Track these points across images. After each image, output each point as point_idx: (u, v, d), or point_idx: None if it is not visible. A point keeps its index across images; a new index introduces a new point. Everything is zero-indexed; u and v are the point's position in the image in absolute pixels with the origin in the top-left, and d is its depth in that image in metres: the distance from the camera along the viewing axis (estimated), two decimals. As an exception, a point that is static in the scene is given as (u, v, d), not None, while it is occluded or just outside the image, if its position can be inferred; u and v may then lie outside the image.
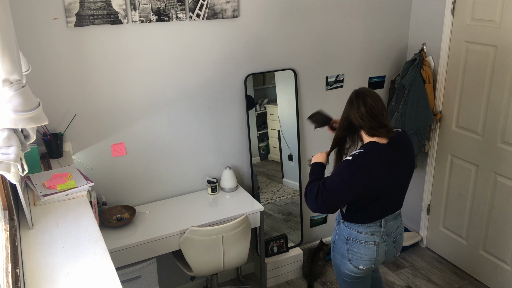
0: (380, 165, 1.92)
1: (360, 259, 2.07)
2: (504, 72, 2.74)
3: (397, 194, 2.07)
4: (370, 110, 1.92)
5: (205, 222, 2.59)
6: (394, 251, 2.14)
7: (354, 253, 2.07)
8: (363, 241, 2.05)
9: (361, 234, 2.05)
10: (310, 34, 3.03)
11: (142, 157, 2.75)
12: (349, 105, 2.00)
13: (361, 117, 1.93)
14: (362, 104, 1.93)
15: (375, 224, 2.05)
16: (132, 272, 2.46)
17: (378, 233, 2.05)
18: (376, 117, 1.92)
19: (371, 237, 2.05)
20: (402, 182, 2.05)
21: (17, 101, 1.12)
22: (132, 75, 2.58)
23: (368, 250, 2.06)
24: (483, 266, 3.12)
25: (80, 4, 2.32)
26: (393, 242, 2.11)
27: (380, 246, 2.06)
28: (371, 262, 2.07)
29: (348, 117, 2.00)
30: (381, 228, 2.06)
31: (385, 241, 2.08)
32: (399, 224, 2.14)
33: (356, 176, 1.90)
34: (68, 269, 1.41)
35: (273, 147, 3.20)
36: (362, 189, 1.92)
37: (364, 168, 1.90)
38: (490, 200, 2.98)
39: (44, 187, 1.90)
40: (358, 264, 2.07)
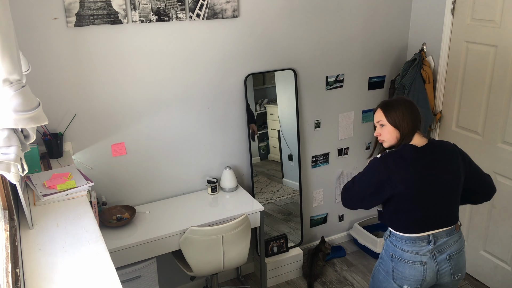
0: (406, 167, 1.87)
1: (405, 279, 1.95)
2: (504, 72, 2.74)
3: (440, 204, 1.91)
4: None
5: (205, 222, 2.59)
6: (449, 270, 1.94)
7: (399, 272, 1.96)
8: (407, 261, 1.93)
9: (405, 253, 1.93)
10: (310, 34, 3.03)
11: (142, 157, 2.75)
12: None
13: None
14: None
15: (422, 241, 1.90)
16: (132, 272, 2.46)
17: (426, 251, 1.91)
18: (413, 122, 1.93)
19: (417, 256, 1.91)
20: (442, 191, 1.90)
21: (17, 101, 1.12)
22: (132, 75, 2.58)
23: (413, 271, 1.92)
24: (483, 266, 3.12)
25: (80, 4, 2.32)
26: (446, 259, 1.92)
27: (428, 266, 1.91)
28: (417, 282, 1.94)
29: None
30: (429, 246, 1.90)
31: (435, 259, 1.92)
32: (455, 240, 1.94)
33: (379, 172, 1.89)
34: (68, 269, 1.41)
35: (273, 147, 3.21)
36: (390, 186, 1.87)
37: (386, 165, 1.88)
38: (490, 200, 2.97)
39: (44, 187, 1.90)
40: (402, 284, 1.96)
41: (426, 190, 1.87)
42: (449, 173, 1.89)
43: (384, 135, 1.95)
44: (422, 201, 1.88)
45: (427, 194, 1.88)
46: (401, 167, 1.86)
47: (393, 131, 1.92)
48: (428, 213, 1.89)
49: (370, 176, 1.92)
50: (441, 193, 1.89)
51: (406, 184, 1.85)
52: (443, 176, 1.88)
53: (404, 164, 1.86)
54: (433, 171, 1.87)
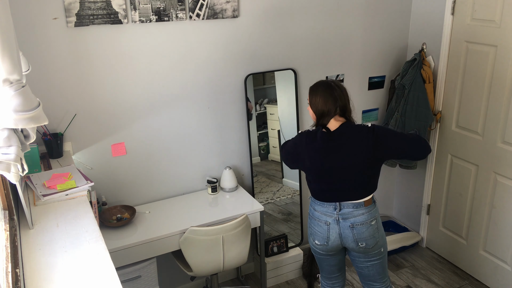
0: (312, 147, 2.16)
1: (315, 234, 2.29)
2: (504, 72, 2.74)
3: (345, 181, 2.15)
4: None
5: (205, 222, 2.59)
6: (352, 237, 2.20)
7: (312, 228, 2.31)
8: (316, 218, 2.27)
9: (316, 212, 2.27)
10: (310, 34, 3.03)
11: (142, 157, 2.75)
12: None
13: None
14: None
15: (330, 206, 2.21)
16: (132, 272, 2.46)
17: (331, 214, 2.21)
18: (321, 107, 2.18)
19: (323, 216, 2.23)
20: (345, 170, 2.14)
21: (17, 101, 1.12)
22: (132, 75, 2.58)
23: (319, 228, 2.26)
24: (483, 266, 3.12)
25: (80, 4, 2.32)
26: (349, 227, 2.19)
27: (331, 227, 2.22)
28: (323, 239, 2.25)
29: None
30: (335, 211, 2.20)
31: (338, 223, 2.21)
32: (361, 213, 2.19)
33: (295, 146, 2.24)
34: (68, 269, 1.41)
35: (273, 147, 3.21)
36: (301, 158, 2.21)
37: (300, 144, 2.21)
38: (490, 200, 2.98)
39: (44, 187, 1.90)
40: (314, 239, 2.30)
41: (327, 168, 2.15)
42: (354, 155, 2.11)
43: (309, 111, 2.26)
44: (324, 177, 2.18)
45: (329, 172, 2.16)
46: (310, 146, 2.17)
47: (310, 110, 2.23)
48: (331, 186, 2.18)
49: (291, 146, 2.28)
50: (343, 172, 2.14)
51: (311, 160, 2.18)
52: (346, 157, 2.12)
53: (313, 144, 2.16)
54: (337, 152, 2.13)
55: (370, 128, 2.14)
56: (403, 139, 2.17)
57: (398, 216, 3.84)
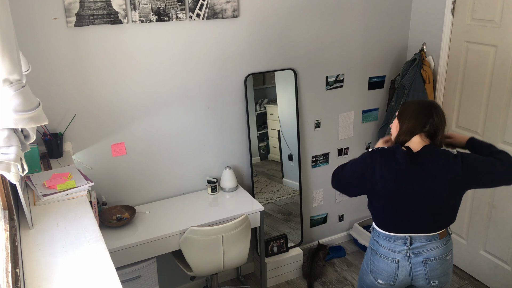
0: (389, 168, 1.86)
1: (379, 273, 2.01)
2: (504, 72, 2.74)
3: (422, 211, 1.88)
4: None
5: (205, 222, 2.59)
6: (424, 274, 1.95)
7: (375, 265, 2.02)
8: (382, 255, 1.98)
9: (381, 248, 1.98)
10: (310, 34, 3.03)
11: (142, 157, 2.75)
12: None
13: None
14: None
15: (398, 240, 1.93)
16: (132, 272, 2.46)
17: (401, 250, 1.94)
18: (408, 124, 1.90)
19: (391, 253, 1.96)
20: (424, 199, 1.86)
21: (17, 101, 1.12)
22: (132, 75, 2.58)
23: (386, 266, 1.98)
24: (483, 266, 3.12)
25: (80, 4, 2.32)
26: (422, 262, 1.93)
27: (401, 265, 1.95)
28: (390, 278, 1.98)
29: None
30: (405, 246, 1.93)
31: (409, 260, 1.94)
32: (436, 246, 1.93)
33: (363, 166, 1.91)
34: (68, 269, 1.41)
35: (273, 147, 3.21)
36: (370, 181, 1.88)
37: (371, 163, 1.89)
38: (490, 200, 2.98)
39: (44, 187, 1.90)
40: (377, 277, 2.02)
41: (404, 194, 1.86)
42: (438, 182, 1.83)
43: (392, 127, 1.99)
44: (398, 204, 1.88)
45: (405, 199, 1.86)
46: (385, 166, 1.86)
47: (397, 123, 1.94)
48: (405, 216, 1.89)
49: (357, 166, 1.93)
50: (423, 201, 1.86)
51: (385, 183, 1.86)
52: (428, 183, 1.83)
53: (390, 164, 1.86)
54: (418, 178, 1.84)
55: (457, 155, 1.84)
56: (493, 165, 1.85)
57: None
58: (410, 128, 1.88)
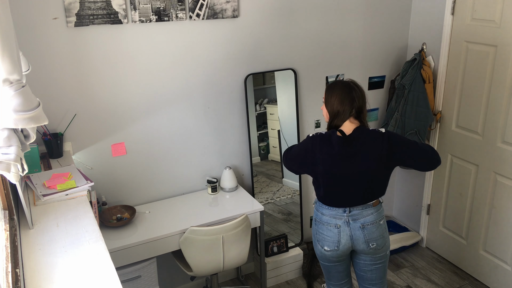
0: (327, 152, 2.08)
1: (324, 240, 2.21)
2: (504, 72, 2.74)
3: (356, 186, 2.11)
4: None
5: (205, 222, 2.59)
6: (363, 237, 2.15)
7: (319, 234, 2.23)
8: (325, 223, 2.20)
9: (324, 216, 2.20)
10: (310, 34, 3.03)
11: (142, 157, 2.75)
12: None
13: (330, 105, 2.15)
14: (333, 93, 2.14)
15: (339, 209, 2.16)
16: (132, 272, 2.46)
17: (341, 216, 2.16)
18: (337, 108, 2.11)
19: (333, 219, 2.17)
20: (357, 176, 2.09)
21: (17, 101, 1.12)
22: (132, 75, 2.58)
23: (330, 232, 2.18)
24: (483, 266, 3.12)
25: (80, 4, 2.32)
26: (360, 227, 2.15)
27: (342, 230, 2.16)
28: (334, 244, 2.18)
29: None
30: (344, 213, 2.15)
31: (349, 225, 2.15)
32: (370, 212, 2.16)
33: (305, 150, 2.15)
34: (68, 269, 1.41)
35: (273, 147, 3.21)
36: (312, 163, 2.12)
37: (312, 147, 2.12)
38: (490, 200, 2.98)
39: (44, 187, 1.90)
40: (323, 245, 2.22)
41: (341, 173, 2.09)
42: (368, 160, 2.06)
43: (322, 111, 2.20)
44: (337, 182, 2.12)
45: (342, 178, 2.10)
46: (324, 150, 2.09)
47: (325, 110, 2.15)
48: (343, 192, 2.13)
49: (300, 149, 2.19)
50: (357, 178, 2.09)
51: (324, 165, 2.10)
52: (360, 162, 2.07)
53: (327, 148, 2.08)
54: (351, 158, 2.07)
55: (385, 135, 2.08)
56: (416, 150, 2.11)
57: (398, 216, 3.84)
58: (339, 115, 2.09)
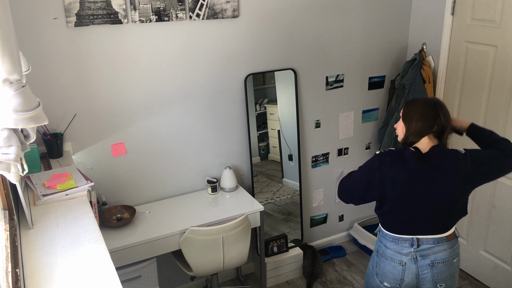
0: (399, 169, 1.83)
1: (385, 275, 1.98)
2: (504, 72, 2.74)
3: (430, 212, 1.86)
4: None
5: (205, 222, 2.59)
6: (430, 277, 1.92)
7: (380, 268, 2.00)
8: (388, 257, 1.96)
9: (387, 250, 1.96)
10: (310, 34, 3.03)
11: (142, 157, 2.75)
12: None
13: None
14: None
15: (405, 242, 1.91)
16: (132, 272, 2.46)
17: (407, 252, 1.91)
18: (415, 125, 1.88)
19: (398, 255, 1.93)
20: (433, 200, 1.84)
21: (17, 101, 1.12)
22: (132, 75, 2.58)
23: (392, 269, 1.95)
24: (483, 266, 3.12)
25: (80, 4, 2.32)
26: (428, 265, 1.91)
27: (407, 267, 1.92)
28: (395, 281, 1.96)
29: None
30: (412, 248, 1.90)
31: (416, 262, 1.91)
32: (443, 249, 1.90)
33: (370, 171, 1.87)
34: (68, 269, 1.41)
35: (273, 147, 3.20)
36: (379, 185, 1.85)
37: (379, 166, 1.86)
38: (490, 200, 2.98)
39: (44, 187, 1.90)
40: (382, 280, 2.00)
41: (414, 195, 1.83)
42: (448, 182, 1.81)
43: (397, 128, 1.97)
44: (407, 205, 1.86)
45: (415, 200, 1.84)
46: (394, 167, 1.83)
47: (402, 125, 1.92)
48: (414, 218, 1.87)
49: (365, 170, 1.89)
50: (433, 201, 1.84)
51: (394, 185, 1.83)
52: (439, 184, 1.81)
53: (399, 165, 1.83)
54: (428, 178, 1.82)
55: (466, 154, 1.84)
56: (499, 159, 1.86)
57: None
58: (418, 129, 1.85)
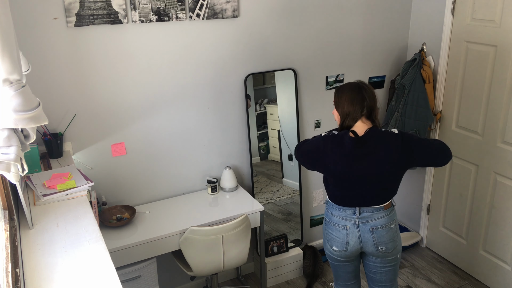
0: (339, 152, 2.07)
1: (333, 240, 2.22)
2: (504, 72, 2.74)
3: (368, 187, 2.09)
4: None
5: (205, 222, 2.59)
6: (372, 240, 2.14)
7: (329, 234, 2.24)
8: (334, 223, 2.20)
9: (333, 217, 2.20)
10: (310, 34, 3.03)
11: (142, 157, 2.75)
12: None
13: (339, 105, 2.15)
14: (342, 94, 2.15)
15: (349, 210, 2.15)
16: (132, 272, 2.46)
17: (350, 218, 2.15)
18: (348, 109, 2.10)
19: (342, 220, 2.17)
20: (371, 178, 2.07)
21: (17, 101, 1.12)
22: (132, 75, 2.58)
23: (338, 233, 2.19)
24: (483, 266, 3.12)
25: (80, 4, 2.32)
26: (369, 230, 2.14)
27: (351, 231, 2.16)
28: (342, 245, 2.19)
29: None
30: (354, 215, 2.14)
31: (358, 227, 2.15)
32: (381, 216, 2.14)
33: (316, 149, 2.14)
34: (68, 269, 1.41)
35: (273, 147, 3.21)
36: (323, 162, 2.12)
37: (323, 148, 2.11)
38: (490, 200, 2.98)
39: (44, 187, 1.90)
40: (332, 245, 2.23)
41: (352, 174, 2.08)
42: (381, 161, 2.04)
43: (334, 114, 2.18)
44: (348, 183, 2.11)
45: (354, 178, 2.09)
46: (335, 151, 2.08)
47: (335, 111, 2.15)
48: (353, 192, 2.11)
49: (311, 148, 2.18)
50: (369, 179, 2.08)
51: (335, 165, 2.09)
52: (372, 163, 2.05)
53: (339, 149, 2.07)
54: (363, 159, 2.05)
55: (398, 136, 2.05)
56: (429, 148, 2.10)
57: (398, 216, 3.83)
58: (351, 115, 2.08)
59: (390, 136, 2.05)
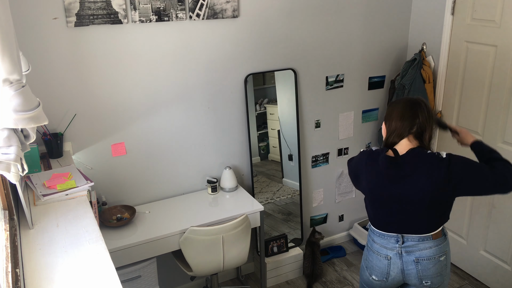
0: (371, 169, 1.92)
1: (373, 268, 2.05)
2: (504, 72, 2.74)
3: (410, 213, 1.88)
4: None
5: (205, 222, 2.59)
6: (416, 273, 1.95)
7: (369, 261, 2.07)
8: (375, 251, 2.02)
9: (375, 244, 2.02)
10: (310, 34, 3.03)
11: (142, 157, 2.75)
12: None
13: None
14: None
15: (391, 238, 1.96)
16: (132, 272, 2.46)
17: (393, 247, 1.96)
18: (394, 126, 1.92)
19: (383, 249, 1.99)
20: (410, 201, 1.86)
21: (17, 101, 1.12)
22: (132, 75, 2.58)
23: (379, 262, 2.01)
24: (483, 266, 3.12)
25: (80, 4, 2.32)
26: (413, 261, 1.94)
27: (393, 262, 1.97)
28: (382, 275, 2.02)
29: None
30: (397, 244, 1.95)
31: (401, 257, 1.95)
32: (428, 246, 1.93)
33: (355, 164, 2.03)
34: (68, 269, 1.41)
35: (273, 147, 3.21)
36: (359, 180, 1.99)
37: (359, 163, 1.99)
38: (490, 200, 2.98)
39: (44, 187, 1.90)
40: (371, 273, 2.06)
41: (385, 195, 1.90)
42: (420, 185, 1.82)
43: (382, 128, 2.01)
44: (383, 205, 1.93)
45: (388, 201, 1.90)
46: (369, 168, 1.93)
47: (384, 125, 1.97)
48: (394, 217, 1.92)
49: (353, 163, 2.06)
50: (405, 204, 1.87)
51: (368, 184, 1.94)
52: (408, 186, 1.84)
53: (373, 166, 1.91)
54: (398, 182, 1.85)
55: (444, 161, 1.80)
56: (484, 179, 1.79)
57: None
58: (397, 130, 1.89)
59: (433, 159, 1.82)
